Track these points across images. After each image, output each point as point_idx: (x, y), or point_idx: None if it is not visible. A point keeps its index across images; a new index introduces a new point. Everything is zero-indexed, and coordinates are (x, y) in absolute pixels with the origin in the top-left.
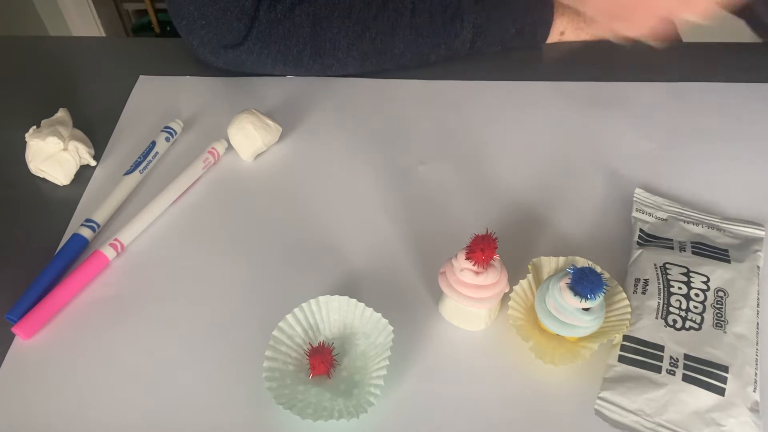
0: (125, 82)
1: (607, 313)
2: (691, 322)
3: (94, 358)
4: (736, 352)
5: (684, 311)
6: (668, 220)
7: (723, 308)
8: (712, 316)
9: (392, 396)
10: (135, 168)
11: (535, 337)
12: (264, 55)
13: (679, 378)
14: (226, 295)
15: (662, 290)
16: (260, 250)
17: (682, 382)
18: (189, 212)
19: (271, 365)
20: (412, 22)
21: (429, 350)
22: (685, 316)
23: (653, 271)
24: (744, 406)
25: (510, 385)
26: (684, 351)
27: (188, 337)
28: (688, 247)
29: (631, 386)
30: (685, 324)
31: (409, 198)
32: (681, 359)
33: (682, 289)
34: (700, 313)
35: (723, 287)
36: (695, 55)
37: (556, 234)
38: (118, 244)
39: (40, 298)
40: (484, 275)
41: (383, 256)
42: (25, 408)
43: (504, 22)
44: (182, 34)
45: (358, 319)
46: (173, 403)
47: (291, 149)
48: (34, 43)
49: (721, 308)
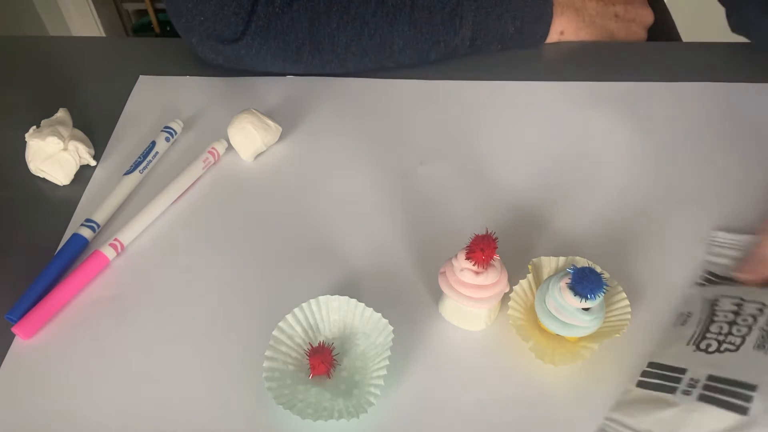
0: (125, 82)
1: (607, 313)
2: (728, 344)
3: (94, 358)
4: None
5: (724, 335)
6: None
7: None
8: (756, 337)
9: (392, 396)
10: (135, 168)
11: (535, 337)
12: (263, 51)
13: (695, 398)
14: (226, 295)
15: (703, 320)
16: (260, 250)
17: (697, 402)
18: (189, 212)
19: (271, 365)
20: (411, 18)
21: (429, 350)
22: (723, 339)
23: (700, 304)
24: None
25: (510, 385)
26: (709, 372)
27: (188, 337)
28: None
29: (642, 407)
30: (721, 347)
31: (409, 198)
32: (702, 380)
33: (728, 317)
34: (743, 336)
35: None
36: (696, 55)
37: (556, 234)
38: (118, 244)
39: (40, 298)
40: (484, 275)
41: (383, 256)
42: (25, 408)
43: (503, 20)
44: (181, 32)
45: (358, 319)
46: (173, 403)
47: (291, 149)
48: (34, 43)
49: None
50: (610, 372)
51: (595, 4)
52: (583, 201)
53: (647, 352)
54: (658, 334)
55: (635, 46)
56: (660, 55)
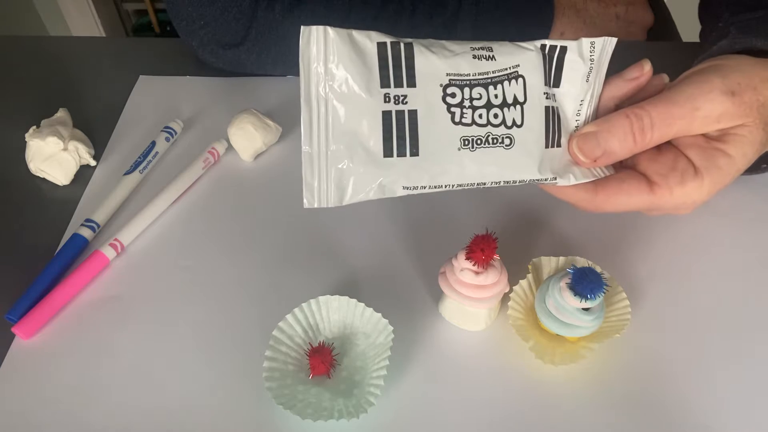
0: (125, 82)
1: (607, 313)
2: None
3: (94, 358)
4: None
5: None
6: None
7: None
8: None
9: (392, 396)
10: (135, 168)
11: (535, 337)
12: (264, 56)
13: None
14: (225, 295)
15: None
16: (260, 250)
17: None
18: (189, 212)
19: (271, 365)
20: (412, 22)
21: (429, 350)
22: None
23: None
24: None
25: (510, 386)
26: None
27: (188, 337)
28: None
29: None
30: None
31: (409, 198)
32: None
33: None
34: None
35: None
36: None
37: (556, 234)
38: (118, 244)
39: (40, 298)
40: (484, 275)
41: (383, 256)
42: (25, 408)
43: (504, 23)
44: (182, 35)
45: (358, 319)
46: (173, 403)
47: (291, 149)
48: (34, 43)
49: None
50: (610, 372)
51: (595, 6)
52: None
53: (646, 349)
54: (657, 334)
55: (635, 46)
56: (660, 55)
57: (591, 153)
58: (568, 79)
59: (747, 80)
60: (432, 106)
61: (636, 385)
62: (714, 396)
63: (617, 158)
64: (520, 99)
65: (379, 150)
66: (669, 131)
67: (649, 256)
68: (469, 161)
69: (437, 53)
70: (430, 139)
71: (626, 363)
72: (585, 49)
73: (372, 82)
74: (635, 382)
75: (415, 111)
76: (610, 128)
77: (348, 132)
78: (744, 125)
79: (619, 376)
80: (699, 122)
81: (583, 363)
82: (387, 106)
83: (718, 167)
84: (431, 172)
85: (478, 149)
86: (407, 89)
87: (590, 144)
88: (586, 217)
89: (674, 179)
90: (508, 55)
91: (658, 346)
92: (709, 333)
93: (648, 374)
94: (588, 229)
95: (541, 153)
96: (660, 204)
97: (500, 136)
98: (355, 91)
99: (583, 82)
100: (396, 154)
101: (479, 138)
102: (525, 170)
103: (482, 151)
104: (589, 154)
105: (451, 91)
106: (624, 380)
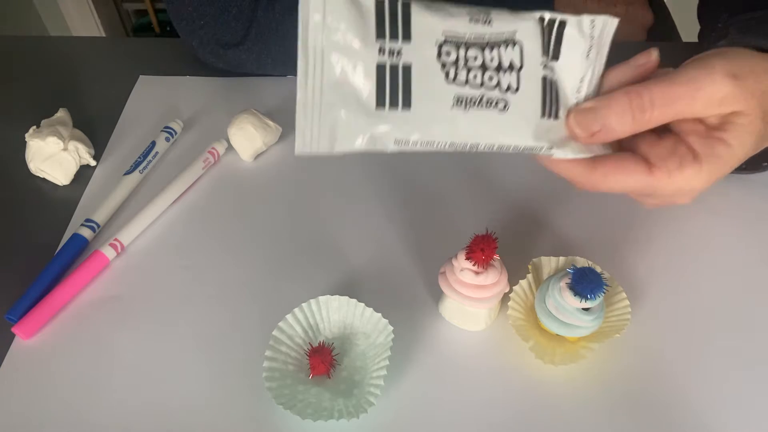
0: (125, 82)
1: (607, 313)
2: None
3: (94, 358)
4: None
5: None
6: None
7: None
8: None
9: (392, 396)
10: (135, 168)
11: (535, 337)
12: (264, 56)
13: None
14: (226, 295)
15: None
16: (260, 250)
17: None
18: (189, 212)
19: (271, 365)
20: None
21: (429, 350)
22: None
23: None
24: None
25: (510, 385)
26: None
27: (188, 337)
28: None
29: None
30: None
31: (409, 198)
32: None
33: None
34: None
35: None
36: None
37: (556, 234)
38: (118, 244)
39: (40, 298)
40: (484, 275)
41: (383, 256)
42: (25, 408)
43: None
44: (182, 35)
45: (358, 319)
46: (173, 403)
47: (291, 149)
48: (34, 43)
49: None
50: (610, 372)
51: (595, 5)
52: (583, 201)
53: (646, 349)
54: (657, 334)
55: (635, 46)
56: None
57: (588, 127)
58: (568, 53)
59: (749, 66)
60: (426, 63)
61: (636, 385)
62: (714, 396)
63: (615, 135)
64: (517, 65)
65: (372, 101)
66: (669, 111)
67: (648, 256)
68: (462, 120)
69: (434, 13)
70: (423, 95)
71: (626, 363)
72: (585, 26)
73: (368, 35)
74: (635, 382)
75: (409, 66)
76: (609, 104)
77: (342, 82)
78: (744, 114)
79: (619, 376)
80: (700, 103)
81: (583, 363)
82: (381, 58)
83: (718, 155)
84: (423, 128)
85: (471, 110)
86: (402, 43)
87: (588, 118)
88: (586, 217)
89: (673, 163)
90: (505, 21)
91: (658, 346)
92: (709, 333)
93: (648, 374)
94: (588, 229)
95: (537, 121)
96: (657, 187)
97: (495, 99)
98: (351, 43)
99: (583, 58)
100: (388, 106)
101: (473, 98)
102: (519, 136)
103: (476, 112)
104: (587, 128)
105: (446, 49)
106: (624, 380)
